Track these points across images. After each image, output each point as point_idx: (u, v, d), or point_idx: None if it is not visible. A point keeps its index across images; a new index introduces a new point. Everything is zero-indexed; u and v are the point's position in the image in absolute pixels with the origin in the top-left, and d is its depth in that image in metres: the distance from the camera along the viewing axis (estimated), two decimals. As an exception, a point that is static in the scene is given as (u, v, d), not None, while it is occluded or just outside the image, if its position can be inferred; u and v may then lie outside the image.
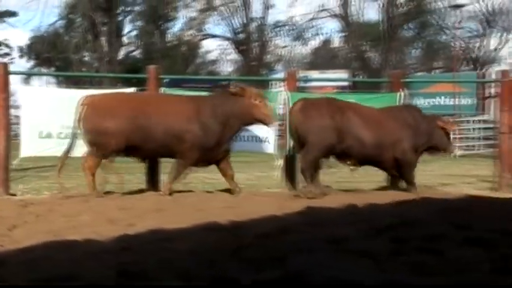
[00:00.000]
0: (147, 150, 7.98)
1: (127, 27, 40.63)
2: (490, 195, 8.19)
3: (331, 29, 49.28)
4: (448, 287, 3.47)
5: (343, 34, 40.68)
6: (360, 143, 8.08)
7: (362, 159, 8.34)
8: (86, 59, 39.28)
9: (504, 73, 8.91)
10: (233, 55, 42.30)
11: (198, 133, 7.86)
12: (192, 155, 7.91)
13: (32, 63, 41.22)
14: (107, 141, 7.75)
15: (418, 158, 8.53)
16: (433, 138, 8.48)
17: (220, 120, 7.92)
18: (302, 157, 8.03)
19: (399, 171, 8.44)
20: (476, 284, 3.52)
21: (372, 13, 39.91)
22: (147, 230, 5.15)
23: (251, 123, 8.16)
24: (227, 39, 40.90)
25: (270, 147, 8.81)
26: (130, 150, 7.97)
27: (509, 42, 21.14)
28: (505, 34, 38.04)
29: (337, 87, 30.21)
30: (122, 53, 40.12)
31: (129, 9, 40.05)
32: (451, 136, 8.82)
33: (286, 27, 40.29)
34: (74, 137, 7.96)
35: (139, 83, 9.96)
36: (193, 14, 40.15)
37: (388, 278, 3.62)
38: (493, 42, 39.16)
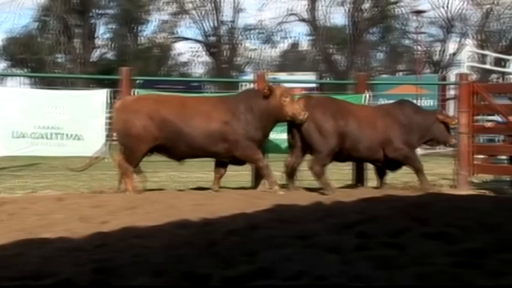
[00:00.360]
0: (183, 151, 8.10)
1: (100, 30, 40.34)
2: (450, 192, 8.43)
3: (299, 32, 49.70)
4: (408, 279, 3.60)
5: (311, 37, 41.00)
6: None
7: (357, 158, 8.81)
8: (60, 60, 38.84)
9: (462, 76, 9.15)
10: (204, 57, 42.40)
11: (240, 131, 8.05)
12: (241, 153, 8.09)
13: (5, 64, 40.66)
14: (138, 143, 7.88)
15: (415, 149, 8.92)
16: (431, 131, 8.74)
17: (256, 118, 8.09)
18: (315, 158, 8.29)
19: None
20: (437, 277, 3.64)
21: (338, 17, 40.31)
22: (119, 227, 5.21)
23: (282, 121, 8.33)
24: (198, 41, 40.98)
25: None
26: (165, 150, 8.12)
27: (466, 47, 21.65)
28: (462, 39, 39.11)
29: (305, 88, 30.43)
30: (95, 55, 39.80)
31: (102, 12, 39.77)
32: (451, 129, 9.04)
33: (256, 30, 40.50)
34: (108, 138, 8.24)
35: (113, 84, 9.97)
36: (166, 17, 40.17)
37: (353, 271, 3.74)
38: (452, 46, 40.16)
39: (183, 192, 8.24)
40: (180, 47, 43.68)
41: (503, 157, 9.36)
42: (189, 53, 42.55)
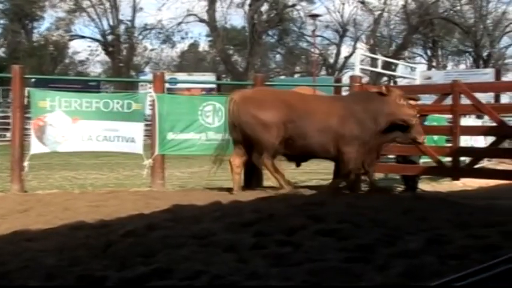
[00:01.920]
0: (298, 148, 7.93)
1: (-10, 25, 38.58)
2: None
3: (198, 33, 49.68)
4: (302, 275, 3.70)
5: (210, 38, 41.13)
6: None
7: None
8: None
9: (354, 78, 9.49)
10: (102, 56, 41.58)
11: (356, 130, 7.90)
12: (353, 152, 7.92)
13: None
14: (266, 135, 7.73)
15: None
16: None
17: (371, 118, 7.95)
18: None
19: None
20: (329, 272, 3.76)
21: (237, 19, 40.76)
22: (10, 231, 5.04)
23: (395, 122, 8.14)
24: (96, 40, 40.07)
25: (137, 147, 8.82)
26: (286, 147, 7.92)
27: (359, 50, 22.49)
28: (354, 43, 40.72)
29: (204, 89, 30.51)
30: (-15, 52, 38.05)
31: (-8, 6, 37.98)
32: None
33: (155, 30, 40.08)
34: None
35: (4, 82, 9.59)
36: (61, 14, 38.91)
37: (249, 269, 3.82)
38: (346, 50, 41.71)
39: (79, 193, 8.06)
40: (76, 45, 42.81)
41: (392, 156, 9.76)
42: (86, 51, 41.63)
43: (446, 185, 8.79)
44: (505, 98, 22.85)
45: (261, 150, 7.91)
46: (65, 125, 8.50)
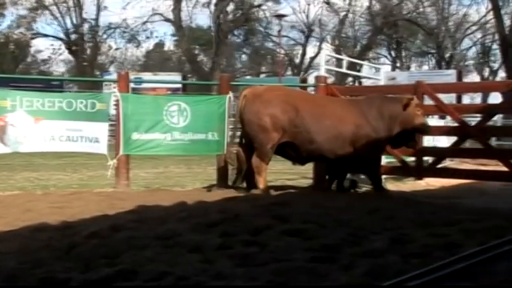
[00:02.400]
0: (309, 151, 7.80)
1: None
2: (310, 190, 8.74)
3: (164, 32, 49.38)
4: (268, 275, 3.71)
5: (176, 38, 40.92)
6: None
7: None
8: None
9: (319, 78, 9.53)
10: (65, 55, 40.97)
11: (371, 135, 7.78)
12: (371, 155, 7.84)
13: None
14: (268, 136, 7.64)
15: None
16: None
17: (385, 123, 7.85)
18: None
19: None
20: (294, 272, 3.78)
21: (203, 19, 40.65)
22: (-30, 233, 4.95)
23: (408, 130, 8.02)
24: (59, 39, 39.43)
25: (101, 147, 8.72)
26: (290, 149, 7.84)
27: (324, 51, 22.64)
28: (319, 43, 40.98)
29: (170, 89, 30.35)
30: None
31: None
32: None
33: (119, 29, 39.66)
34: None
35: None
36: (23, 12, 38.20)
37: (214, 270, 3.81)
38: (312, 50, 41.96)
39: (41, 195, 7.92)
40: (39, 43, 42.00)
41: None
42: (49, 50, 40.96)
43: (410, 185, 8.89)
44: (466, 99, 23.30)
45: (257, 150, 7.91)
46: (26, 125, 8.35)
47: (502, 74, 36.41)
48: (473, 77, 41.08)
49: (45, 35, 39.79)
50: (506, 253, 3.94)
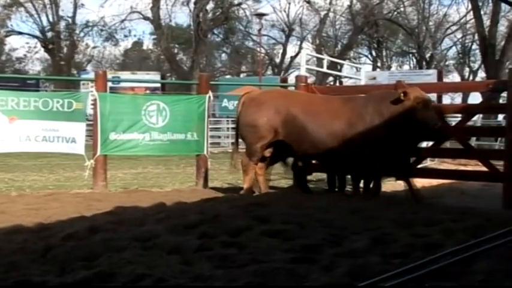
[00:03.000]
0: (304, 151, 7.70)
1: None
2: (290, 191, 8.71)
3: (142, 31, 49.12)
4: (247, 277, 3.67)
5: (154, 37, 40.73)
6: None
7: None
8: None
9: (300, 78, 9.51)
10: (41, 53, 40.56)
11: (366, 136, 7.37)
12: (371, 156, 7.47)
13: None
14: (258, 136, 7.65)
15: None
16: None
17: (386, 121, 7.35)
18: None
19: None
20: (274, 273, 3.74)
21: (182, 17, 40.45)
22: None
23: (413, 126, 7.30)
24: (35, 37, 39.00)
25: (78, 147, 8.63)
26: (287, 149, 7.77)
27: (305, 50, 22.66)
28: (300, 43, 41.10)
29: (148, 88, 30.22)
30: None
31: None
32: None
33: (97, 27, 39.33)
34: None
35: None
36: (-3, 9, 37.68)
37: (194, 272, 3.77)
38: (292, 49, 42.04)
39: (17, 196, 7.83)
40: (14, 41, 41.53)
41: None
42: (24, 48, 40.50)
43: (390, 185, 8.89)
44: (446, 99, 23.50)
45: (246, 149, 8.01)
46: (1, 125, 8.23)
47: (481, 74, 36.92)
48: (454, 77, 41.60)
49: (20, 33, 39.32)
50: (484, 252, 3.93)
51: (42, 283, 3.55)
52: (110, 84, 15.64)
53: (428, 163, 10.79)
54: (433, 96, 10.51)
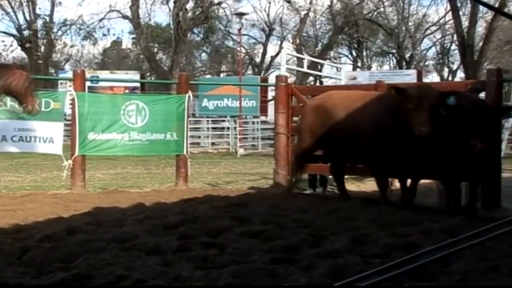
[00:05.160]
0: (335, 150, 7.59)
1: None
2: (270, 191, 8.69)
3: (121, 30, 48.82)
4: (227, 278, 3.66)
5: (133, 36, 40.49)
6: None
7: None
8: None
9: (280, 78, 9.48)
10: (18, 52, 40.02)
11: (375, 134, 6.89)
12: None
13: None
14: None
15: None
16: None
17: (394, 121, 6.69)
18: None
19: None
20: (254, 273, 3.74)
21: (162, 16, 40.25)
22: None
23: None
24: (11, 35, 38.53)
25: (56, 148, 8.54)
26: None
27: (285, 50, 22.69)
28: (280, 42, 41.15)
29: (128, 88, 30.02)
30: None
31: None
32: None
33: (75, 26, 38.96)
34: None
35: None
36: (-30, 7, 37.16)
37: (173, 273, 3.75)
38: (273, 49, 42.05)
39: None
40: (-12, 40, 40.86)
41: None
42: (0, 47, 39.99)
43: (370, 185, 8.92)
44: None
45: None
46: (-24, 125, 8.12)
47: (460, 74, 37.16)
48: (433, 77, 41.87)
49: (-4, 31, 38.79)
50: (461, 252, 3.96)
51: (18, 285, 3.51)
52: (88, 83, 15.51)
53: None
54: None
